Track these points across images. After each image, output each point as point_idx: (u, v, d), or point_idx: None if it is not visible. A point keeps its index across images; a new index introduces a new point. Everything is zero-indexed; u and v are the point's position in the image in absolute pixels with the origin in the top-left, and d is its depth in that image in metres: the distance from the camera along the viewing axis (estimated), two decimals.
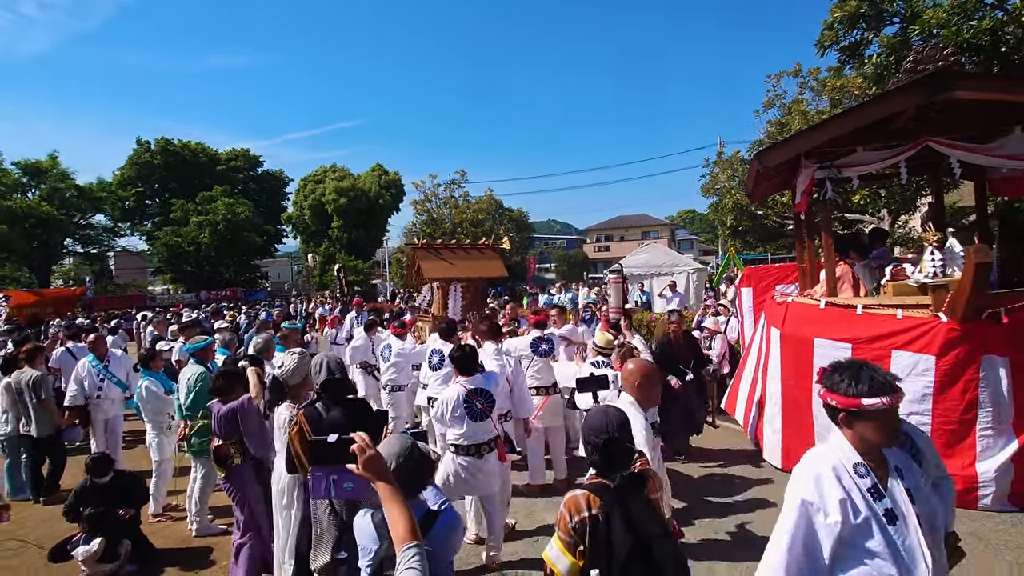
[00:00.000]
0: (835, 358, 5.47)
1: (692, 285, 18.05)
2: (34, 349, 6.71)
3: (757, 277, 9.18)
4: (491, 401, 4.33)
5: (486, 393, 4.33)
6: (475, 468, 4.25)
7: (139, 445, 7.83)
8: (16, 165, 37.23)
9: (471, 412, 4.24)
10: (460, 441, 4.26)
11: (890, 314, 5.27)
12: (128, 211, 45.55)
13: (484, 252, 7.66)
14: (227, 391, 4.14)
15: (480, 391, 4.31)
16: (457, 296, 7.27)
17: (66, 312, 26.77)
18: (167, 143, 46.46)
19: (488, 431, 4.32)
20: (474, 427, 4.25)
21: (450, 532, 2.17)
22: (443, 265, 7.22)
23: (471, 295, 7.47)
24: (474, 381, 4.34)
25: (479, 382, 4.36)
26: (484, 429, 4.29)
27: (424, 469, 2.24)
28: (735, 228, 16.05)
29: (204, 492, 5.20)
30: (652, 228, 65.15)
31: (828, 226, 6.11)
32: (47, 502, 6.16)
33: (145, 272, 55.65)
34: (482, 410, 4.26)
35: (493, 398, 4.36)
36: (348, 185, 42.93)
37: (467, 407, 4.24)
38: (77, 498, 4.51)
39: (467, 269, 7.35)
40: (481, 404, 4.27)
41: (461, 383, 4.33)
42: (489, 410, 4.30)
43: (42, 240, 36.52)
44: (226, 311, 20.26)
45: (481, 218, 21.64)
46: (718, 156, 16.26)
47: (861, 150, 5.77)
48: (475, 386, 4.31)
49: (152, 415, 5.72)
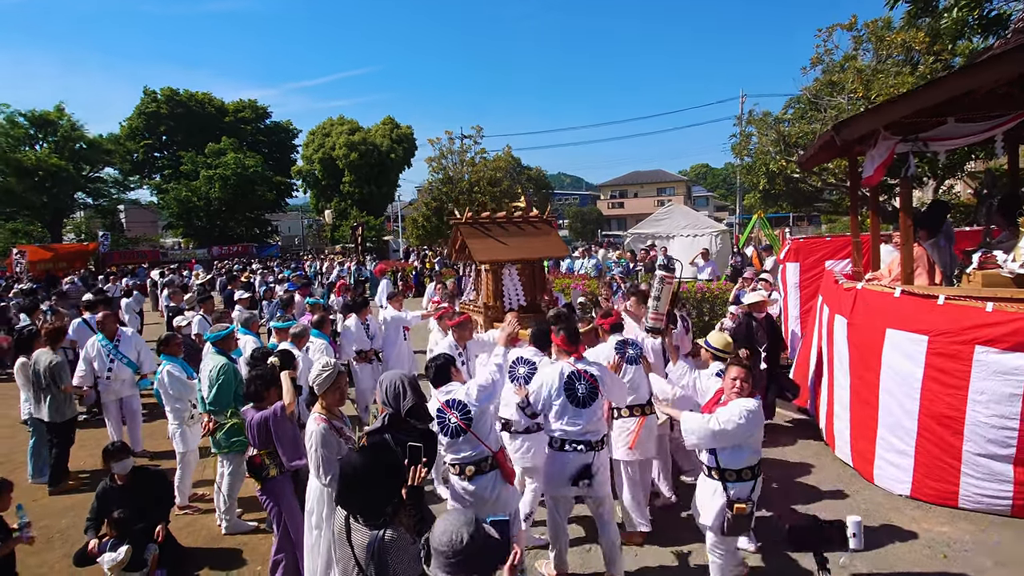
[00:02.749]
0: (909, 351, 5.07)
1: (716, 248, 17.52)
2: (55, 330, 6.38)
3: (805, 251, 8.64)
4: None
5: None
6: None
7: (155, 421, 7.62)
8: (24, 117, 36.45)
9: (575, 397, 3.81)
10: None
11: (978, 307, 4.77)
12: (137, 164, 44.90)
13: (539, 227, 6.47)
14: (261, 397, 3.77)
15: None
16: (515, 280, 6.19)
17: (79, 267, 26.70)
18: (173, 93, 45.34)
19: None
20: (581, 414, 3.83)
21: None
22: (494, 245, 6.07)
23: (528, 279, 6.33)
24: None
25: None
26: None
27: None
28: (768, 192, 15.34)
29: (232, 488, 4.92)
30: (667, 184, 63.83)
31: (908, 205, 5.55)
32: (54, 492, 5.94)
33: (156, 225, 55.38)
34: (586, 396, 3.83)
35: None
36: (358, 139, 41.90)
37: (568, 393, 3.80)
38: (100, 501, 4.20)
39: (522, 248, 6.19)
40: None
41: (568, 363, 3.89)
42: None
43: (52, 194, 36.03)
44: (239, 272, 19.98)
45: (499, 177, 20.88)
46: (749, 115, 15.37)
47: (952, 121, 5.15)
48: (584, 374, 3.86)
49: (173, 403, 5.38)
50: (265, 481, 3.72)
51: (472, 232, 6.14)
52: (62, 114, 37.49)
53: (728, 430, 3.37)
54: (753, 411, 3.42)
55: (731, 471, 3.46)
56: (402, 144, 44.11)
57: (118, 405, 6.75)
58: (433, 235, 23.04)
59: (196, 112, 45.88)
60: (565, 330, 4.00)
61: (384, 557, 2.26)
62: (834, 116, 10.63)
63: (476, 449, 3.55)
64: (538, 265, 6.62)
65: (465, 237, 6.11)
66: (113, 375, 6.63)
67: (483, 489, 3.53)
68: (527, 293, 6.28)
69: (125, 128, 44.46)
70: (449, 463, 3.65)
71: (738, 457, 3.45)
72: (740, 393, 3.50)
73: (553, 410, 3.83)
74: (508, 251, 6.11)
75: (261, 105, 50.16)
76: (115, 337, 6.79)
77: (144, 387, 7.06)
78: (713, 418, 3.44)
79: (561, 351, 4.04)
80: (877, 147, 5.46)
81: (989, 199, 9.77)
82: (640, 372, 4.67)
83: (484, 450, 3.56)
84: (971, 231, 8.38)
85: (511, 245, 6.15)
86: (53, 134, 37.43)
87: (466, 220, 6.23)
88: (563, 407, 3.79)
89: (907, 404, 5.04)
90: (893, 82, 9.24)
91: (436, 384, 3.68)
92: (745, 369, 3.57)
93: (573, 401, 3.79)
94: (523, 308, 6.13)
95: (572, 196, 73.78)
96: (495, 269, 6.14)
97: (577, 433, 3.81)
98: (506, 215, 6.40)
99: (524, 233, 6.35)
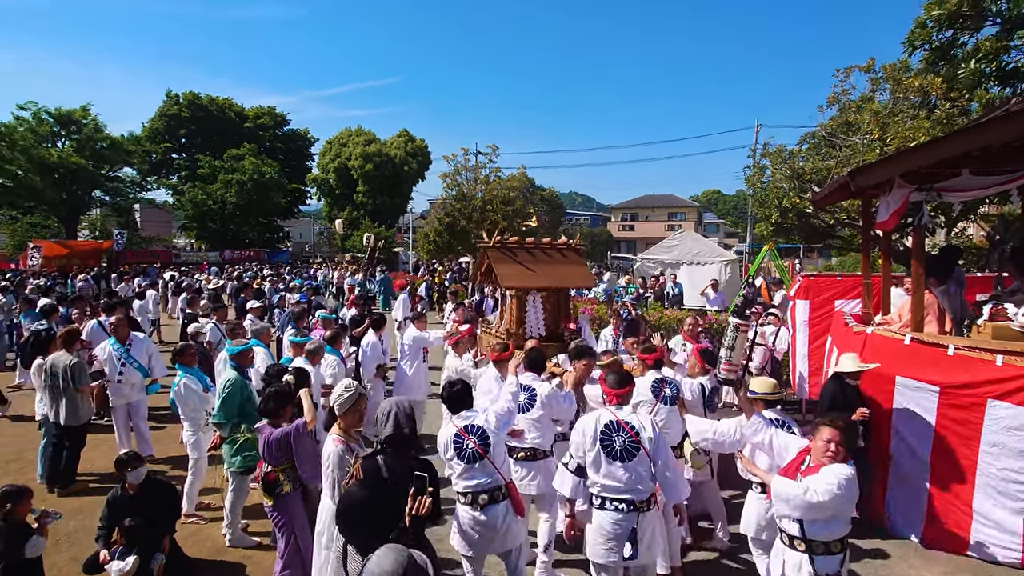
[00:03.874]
0: (919, 400, 5.09)
1: (725, 277, 17.53)
2: (70, 332, 6.47)
3: (816, 289, 8.66)
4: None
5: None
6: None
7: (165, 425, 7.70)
8: (50, 115, 37.13)
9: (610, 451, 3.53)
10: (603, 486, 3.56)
11: (988, 359, 4.79)
12: (155, 164, 45.56)
13: (567, 255, 6.39)
14: (278, 413, 3.83)
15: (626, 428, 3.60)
16: (538, 309, 6.04)
17: (93, 265, 26.96)
18: (195, 97, 46.16)
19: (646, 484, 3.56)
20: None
21: None
22: (522, 271, 5.92)
23: (552, 307, 6.22)
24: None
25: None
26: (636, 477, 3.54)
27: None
28: (779, 225, 15.38)
29: (236, 503, 4.98)
30: (679, 210, 64.03)
31: (920, 252, 5.58)
32: (62, 494, 5.99)
33: (170, 226, 55.96)
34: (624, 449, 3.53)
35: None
36: (374, 150, 42.39)
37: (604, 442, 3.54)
38: (111, 509, 4.26)
39: (549, 276, 6.11)
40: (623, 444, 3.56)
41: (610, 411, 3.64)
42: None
43: (71, 190, 36.61)
44: (251, 279, 20.14)
45: (512, 196, 21.01)
46: (764, 147, 15.48)
47: (967, 173, 5.21)
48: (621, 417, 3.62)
49: (189, 412, 5.46)
50: (278, 497, 3.77)
51: (500, 257, 6.06)
52: (87, 113, 38.15)
53: (825, 501, 3.08)
54: (850, 479, 3.13)
55: (819, 543, 3.18)
56: (416, 157, 44.58)
57: (126, 410, 6.82)
58: (444, 250, 23.16)
59: (216, 117, 46.64)
60: (613, 375, 3.75)
61: None
62: (848, 155, 10.72)
63: (491, 477, 3.52)
64: (563, 294, 6.50)
65: (492, 261, 6.03)
66: (124, 379, 6.70)
67: (494, 519, 3.49)
68: (550, 321, 6.21)
69: (147, 129, 45.21)
70: (460, 491, 3.60)
71: (829, 528, 3.18)
72: (834, 457, 3.20)
73: (588, 460, 3.58)
74: (534, 278, 6.01)
75: (280, 112, 50.95)
76: (127, 341, 6.88)
77: (153, 392, 7.13)
78: (810, 488, 3.12)
79: (610, 398, 3.76)
80: (892, 194, 5.53)
81: (1001, 245, 9.79)
82: (674, 413, 4.57)
83: (499, 479, 3.53)
84: (982, 276, 8.40)
85: (538, 272, 6.07)
86: (76, 132, 38.06)
87: (494, 244, 6.14)
88: (597, 458, 3.54)
89: (919, 451, 5.06)
90: (909, 125, 9.32)
91: (453, 410, 3.66)
92: (839, 431, 3.26)
93: (609, 453, 3.52)
94: (543, 337, 6.06)
95: (583, 216, 73.98)
96: (520, 295, 6.05)
97: (618, 489, 3.51)
98: (534, 241, 6.31)
99: (551, 260, 6.27)
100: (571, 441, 3.73)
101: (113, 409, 6.86)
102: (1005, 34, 8.58)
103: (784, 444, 3.75)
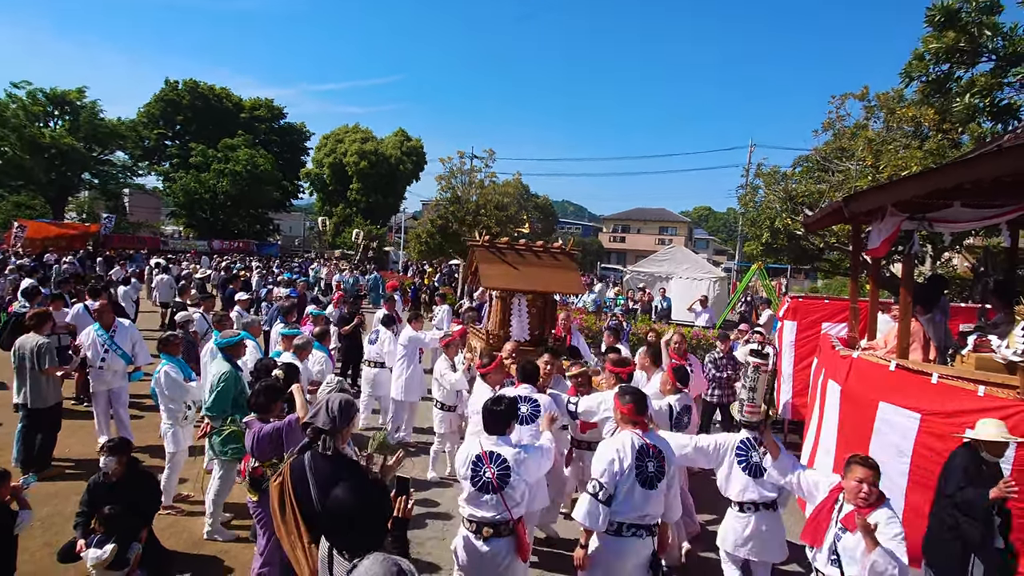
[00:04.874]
0: (901, 426, 5.16)
1: (714, 294, 17.71)
2: (41, 314, 6.35)
3: (803, 311, 8.76)
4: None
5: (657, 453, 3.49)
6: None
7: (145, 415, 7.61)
8: (44, 95, 36.72)
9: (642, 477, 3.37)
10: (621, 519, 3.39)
11: (970, 389, 4.87)
12: (148, 150, 45.18)
13: (559, 259, 6.13)
14: (268, 408, 3.81)
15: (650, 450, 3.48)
16: (523, 311, 5.88)
17: (79, 248, 26.59)
18: (195, 84, 45.91)
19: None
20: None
21: None
22: (507, 272, 5.81)
23: (538, 311, 6.02)
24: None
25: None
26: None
27: None
28: (769, 245, 15.54)
29: (220, 495, 4.94)
30: (670, 224, 64.48)
31: (909, 281, 5.67)
32: (39, 479, 5.87)
33: (158, 212, 55.40)
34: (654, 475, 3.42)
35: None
36: (371, 148, 42.37)
37: (639, 472, 3.36)
38: (91, 496, 4.21)
39: (535, 280, 5.90)
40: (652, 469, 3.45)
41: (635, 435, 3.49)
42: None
43: (60, 171, 36.20)
44: (239, 269, 20.00)
45: (506, 202, 21.07)
46: (758, 168, 15.67)
47: (958, 205, 5.30)
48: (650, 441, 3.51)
49: (168, 403, 5.40)
50: (264, 493, 3.74)
51: (487, 256, 5.93)
52: (82, 95, 37.79)
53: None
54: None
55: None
56: (411, 157, 44.65)
57: (107, 396, 6.73)
58: (436, 252, 23.16)
59: (214, 106, 46.40)
60: (633, 399, 3.57)
61: None
62: (841, 180, 10.87)
63: (500, 513, 3.36)
64: (550, 298, 6.36)
65: (478, 260, 5.91)
66: (106, 365, 6.60)
67: (496, 554, 3.35)
68: (535, 326, 6.07)
69: (142, 114, 44.82)
70: (466, 516, 3.45)
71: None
72: (867, 498, 3.15)
73: (622, 490, 3.35)
74: (519, 280, 5.84)
75: (277, 105, 50.76)
76: (111, 327, 6.79)
77: (136, 379, 7.05)
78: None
79: (626, 421, 3.58)
80: (884, 222, 5.62)
81: (985, 277, 9.99)
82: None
83: (507, 516, 3.37)
84: (965, 307, 8.54)
85: (524, 274, 5.91)
86: (70, 113, 37.66)
87: (483, 243, 6.00)
88: (632, 488, 3.35)
89: (896, 478, 5.11)
90: (902, 154, 9.48)
91: (490, 431, 3.48)
92: (872, 470, 3.23)
93: (642, 481, 3.36)
94: (527, 341, 5.94)
95: (575, 225, 74.25)
96: (504, 297, 5.93)
97: (638, 517, 3.39)
98: (526, 244, 6.18)
99: (541, 264, 6.11)
100: (596, 468, 3.45)
101: (94, 395, 6.78)
102: (1000, 71, 8.78)
103: (813, 482, 3.70)
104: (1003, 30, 9.06)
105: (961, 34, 8.73)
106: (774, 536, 4.10)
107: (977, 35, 8.65)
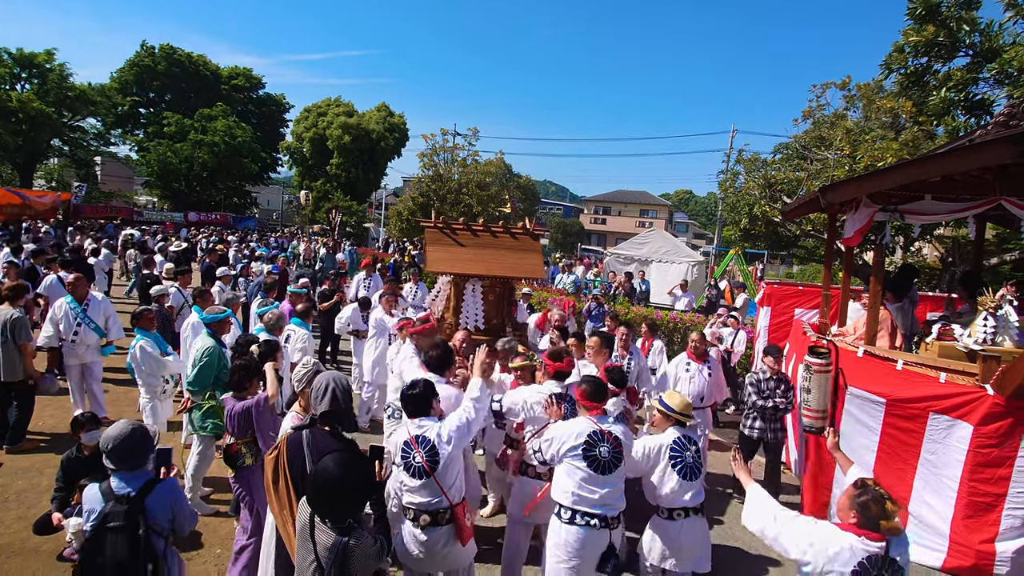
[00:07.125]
0: (867, 410, 5.35)
1: (692, 277, 17.92)
2: (18, 287, 6.22)
3: (778, 297, 8.96)
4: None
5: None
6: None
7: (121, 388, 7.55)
8: (11, 56, 35.30)
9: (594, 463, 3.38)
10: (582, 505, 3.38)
11: (933, 376, 5.06)
12: (121, 117, 43.83)
13: (520, 240, 5.58)
14: (243, 386, 3.83)
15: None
16: (477, 298, 5.47)
17: (49, 218, 25.89)
18: (172, 50, 44.56)
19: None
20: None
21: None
22: (456, 255, 5.29)
23: (496, 298, 5.58)
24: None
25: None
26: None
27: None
28: (747, 231, 15.76)
29: (199, 469, 4.95)
30: (651, 207, 64.79)
31: (880, 271, 5.83)
32: (10, 451, 5.82)
33: (132, 182, 54.03)
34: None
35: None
36: (354, 123, 41.62)
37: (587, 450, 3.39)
38: (65, 471, 4.20)
39: (490, 264, 5.37)
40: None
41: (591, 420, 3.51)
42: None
43: (28, 137, 34.96)
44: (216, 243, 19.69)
45: (488, 181, 21.00)
46: (739, 153, 15.81)
47: (929, 198, 5.45)
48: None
49: (146, 377, 5.38)
50: (240, 469, 3.78)
51: (437, 237, 5.46)
52: (51, 58, 36.42)
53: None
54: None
55: None
56: (394, 132, 43.98)
57: (80, 370, 6.61)
58: (416, 230, 23.05)
59: (191, 74, 45.20)
60: (588, 385, 3.58)
61: (347, 562, 2.39)
62: (819, 169, 11.05)
63: (435, 497, 3.22)
64: (508, 283, 5.87)
65: (427, 243, 5.47)
66: (79, 339, 6.43)
67: (434, 543, 3.23)
68: (491, 313, 5.63)
69: (115, 80, 43.40)
70: (404, 504, 3.34)
71: None
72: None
73: (575, 477, 3.37)
74: (469, 264, 5.37)
75: (256, 75, 49.56)
76: (84, 300, 6.65)
77: (107, 354, 6.93)
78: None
79: (581, 407, 3.59)
80: (858, 212, 5.76)
81: (953, 267, 10.28)
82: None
83: (444, 501, 3.23)
84: (934, 296, 8.80)
85: (476, 259, 5.42)
86: (39, 77, 36.31)
87: (435, 224, 5.54)
88: (586, 474, 3.37)
89: (865, 458, 5.32)
90: (879, 145, 9.66)
91: (411, 415, 3.34)
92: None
93: (592, 466, 3.36)
94: (481, 330, 5.53)
95: (557, 206, 74.19)
96: (458, 282, 5.52)
97: (593, 503, 3.34)
98: (482, 224, 5.73)
99: (500, 246, 5.61)
100: (543, 440, 3.54)
101: (68, 369, 6.67)
102: (975, 66, 8.97)
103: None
104: (980, 26, 9.25)
105: (940, 28, 8.89)
106: (703, 544, 3.85)
107: (956, 30, 8.82)
